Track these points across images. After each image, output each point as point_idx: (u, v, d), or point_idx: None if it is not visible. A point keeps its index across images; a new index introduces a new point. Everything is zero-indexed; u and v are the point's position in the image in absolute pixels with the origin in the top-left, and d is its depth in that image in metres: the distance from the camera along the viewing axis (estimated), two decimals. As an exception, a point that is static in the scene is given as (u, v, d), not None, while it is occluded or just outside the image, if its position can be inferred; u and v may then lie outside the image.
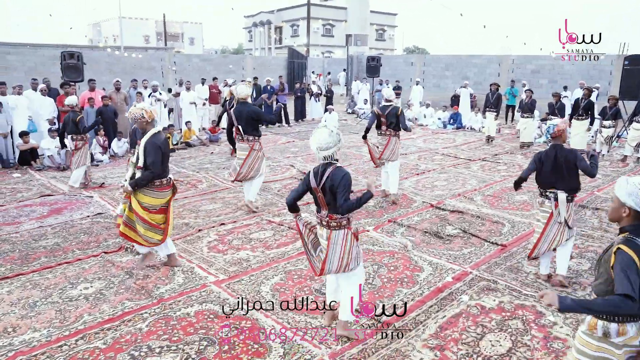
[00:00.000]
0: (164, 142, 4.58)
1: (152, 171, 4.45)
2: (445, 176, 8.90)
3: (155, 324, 3.82)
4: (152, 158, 4.43)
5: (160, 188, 4.61)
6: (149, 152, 4.43)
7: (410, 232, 6.00)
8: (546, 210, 4.58)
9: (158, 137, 4.52)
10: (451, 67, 20.85)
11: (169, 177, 4.73)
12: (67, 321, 3.86)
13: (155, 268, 4.85)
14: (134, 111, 4.53)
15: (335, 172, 3.52)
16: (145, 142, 4.46)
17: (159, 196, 4.63)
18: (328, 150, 3.50)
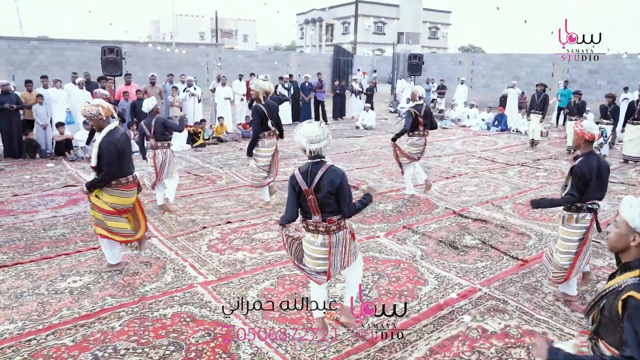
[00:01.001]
0: (121, 138, 4.36)
1: (107, 173, 4.28)
2: (477, 181, 8.38)
3: (130, 323, 3.69)
4: (107, 158, 4.24)
5: (126, 187, 4.47)
6: (104, 151, 4.23)
7: (424, 240, 5.62)
8: (584, 226, 4.10)
9: (114, 135, 4.30)
10: (501, 67, 19.89)
11: (134, 175, 4.58)
12: (45, 315, 3.81)
13: (148, 264, 4.76)
14: (89, 108, 4.29)
15: (330, 172, 3.27)
16: (100, 141, 4.26)
17: (126, 195, 4.50)
18: (319, 143, 3.25)
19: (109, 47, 11.39)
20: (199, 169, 8.90)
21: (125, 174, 4.44)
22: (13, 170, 8.83)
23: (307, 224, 3.39)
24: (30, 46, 17.74)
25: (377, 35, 45.96)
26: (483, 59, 21.10)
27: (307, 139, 3.24)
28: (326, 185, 3.24)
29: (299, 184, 3.28)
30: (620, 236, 2.01)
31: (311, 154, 3.29)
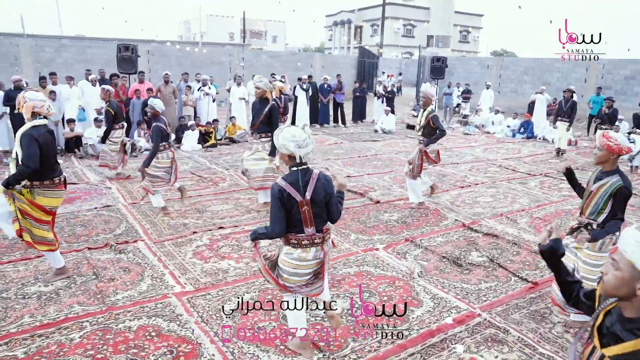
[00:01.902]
0: (43, 136, 4.08)
1: (28, 166, 3.98)
2: (493, 191, 7.89)
3: (90, 335, 3.45)
4: (27, 151, 3.97)
5: (58, 187, 4.24)
6: (23, 145, 3.98)
7: (426, 255, 5.22)
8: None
9: (37, 130, 4.05)
10: (531, 71, 19.12)
11: (64, 175, 4.35)
12: (5, 321, 3.60)
13: (127, 270, 4.52)
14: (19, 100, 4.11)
15: (322, 179, 3.07)
16: (20, 134, 4.03)
17: (58, 195, 4.28)
18: (307, 147, 3.00)
19: (125, 44, 11.33)
20: (204, 170, 8.68)
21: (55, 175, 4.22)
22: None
23: (297, 240, 3.06)
24: (56, 44, 18.00)
25: (406, 38, 45.31)
26: (512, 63, 20.33)
27: (295, 143, 2.95)
28: (321, 193, 3.02)
29: (291, 196, 2.97)
30: (622, 282, 1.58)
31: (300, 160, 3.00)
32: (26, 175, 4.03)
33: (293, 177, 3.02)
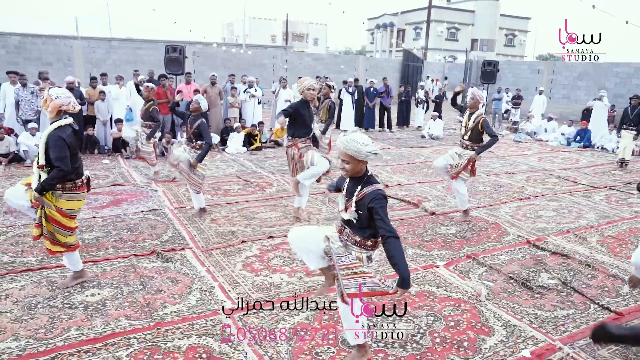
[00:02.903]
0: (70, 136, 3.90)
1: (61, 169, 3.79)
2: (556, 205, 7.34)
3: (139, 354, 3.21)
4: (57, 153, 3.77)
5: (80, 189, 4.03)
6: (52, 145, 3.77)
7: (492, 274, 4.79)
8: None
9: (64, 130, 3.86)
10: (586, 77, 18.18)
11: (87, 175, 4.13)
12: (52, 333, 3.42)
13: (175, 281, 4.30)
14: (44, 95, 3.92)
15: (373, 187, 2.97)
16: (46, 135, 3.82)
17: (80, 198, 4.06)
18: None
19: (172, 45, 11.32)
20: (250, 174, 8.48)
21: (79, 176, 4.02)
22: (69, 165, 8.84)
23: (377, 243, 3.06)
24: (107, 45, 18.36)
25: (449, 41, 44.33)
26: (565, 67, 19.40)
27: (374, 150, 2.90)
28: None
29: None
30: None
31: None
32: (60, 178, 3.86)
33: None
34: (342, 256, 3.02)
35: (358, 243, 3.00)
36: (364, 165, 2.94)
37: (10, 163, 8.71)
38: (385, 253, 2.83)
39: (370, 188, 2.90)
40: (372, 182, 2.94)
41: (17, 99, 9.14)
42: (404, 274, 2.76)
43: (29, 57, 16.83)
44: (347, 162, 2.91)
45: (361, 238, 2.99)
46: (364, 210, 2.89)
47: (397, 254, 2.76)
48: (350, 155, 2.86)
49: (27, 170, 8.39)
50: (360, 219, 2.93)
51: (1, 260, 4.62)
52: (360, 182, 2.95)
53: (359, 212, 2.91)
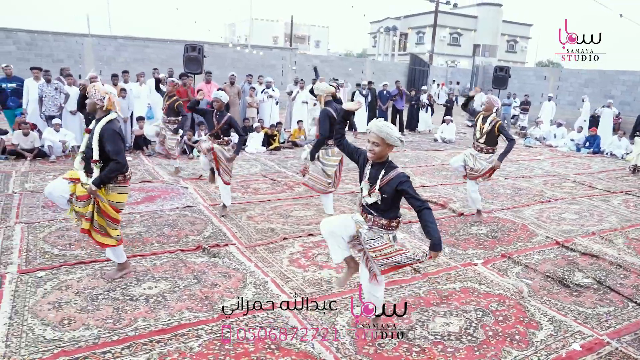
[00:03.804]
0: (120, 130, 4.04)
1: (119, 161, 3.88)
2: (577, 208, 7.49)
3: (209, 345, 3.31)
4: (115, 146, 3.87)
5: (127, 182, 4.13)
6: (109, 139, 3.85)
7: (528, 273, 4.93)
8: None
9: (115, 124, 3.96)
10: (591, 84, 18.41)
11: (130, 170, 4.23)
12: (120, 324, 3.51)
13: (227, 276, 4.40)
14: (98, 89, 3.92)
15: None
16: (101, 129, 3.87)
17: (126, 191, 4.17)
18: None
19: (192, 45, 11.41)
20: (274, 174, 8.59)
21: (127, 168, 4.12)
22: (93, 161, 8.92)
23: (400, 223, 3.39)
24: (116, 43, 18.40)
25: (451, 46, 44.62)
26: (571, 74, 19.64)
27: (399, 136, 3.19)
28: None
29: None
30: None
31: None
32: (118, 171, 3.95)
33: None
34: (371, 240, 3.24)
35: (384, 226, 3.25)
36: (389, 150, 3.16)
37: (35, 158, 8.76)
38: (420, 222, 3.14)
39: (394, 172, 3.15)
40: (394, 166, 3.20)
41: (41, 94, 9.18)
42: (436, 237, 3.05)
43: (40, 53, 16.85)
44: (378, 144, 3.12)
45: (387, 220, 3.24)
46: (389, 193, 3.14)
47: (430, 222, 3.07)
48: (382, 137, 3.09)
49: (52, 165, 8.46)
50: (385, 202, 3.17)
51: (52, 253, 4.70)
52: (383, 167, 3.18)
53: (384, 195, 3.15)
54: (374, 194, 3.19)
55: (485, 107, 6.42)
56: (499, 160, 6.26)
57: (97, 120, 3.97)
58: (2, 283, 4.04)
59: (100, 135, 3.88)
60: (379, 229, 3.26)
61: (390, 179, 3.14)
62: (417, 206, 3.10)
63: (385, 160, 3.21)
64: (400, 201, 3.25)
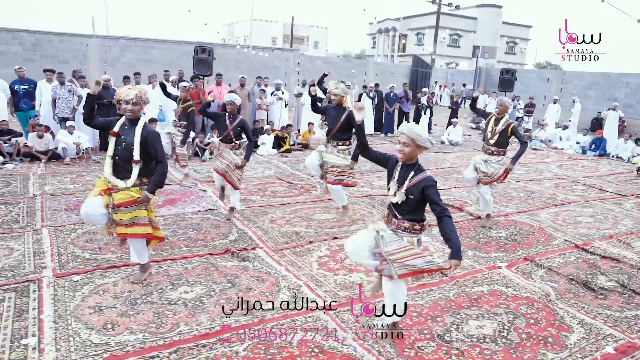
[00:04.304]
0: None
1: (164, 163, 3.98)
2: (591, 211, 7.58)
3: (254, 348, 3.36)
4: (161, 148, 3.99)
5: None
6: (155, 140, 3.95)
7: (552, 276, 5.00)
8: None
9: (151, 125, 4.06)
10: (595, 86, 18.55)
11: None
12: (163, 328, 3.55)
13: (260, 280, 4.45)
14: (140, 92, 3.96)
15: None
16: (143, 130, 3.95)
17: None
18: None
19: (202, 47, 11.44)
20: (289, 176, 8.64)
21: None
22: (107, 164, 8.94)
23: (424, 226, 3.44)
24: (121, 44, 18.40)
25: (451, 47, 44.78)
26: (574, 77, 19.77)
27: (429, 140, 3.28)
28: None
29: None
30: None
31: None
32: (166, 172, 4.03)
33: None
34: (391, 242, 3.30)
35: (408, 229, 3.31)
36: (419, 151, 3.24)
37: (49, 160, 8.78)
38: (440, 230, 3.16)
39: (421, 175, 3.22)
40: (422, 169, 3.26)
41: (55, 96, 9.20)
42: (456, 246, 3.04)
43: (45, 54, 16.83)
44: (408, 145, 3.21)
45: (410, 223, 3.30)
46: (416, 195, 3.20)
47: (450, 230, 3.08)
48: (412, 138, 3.18)
49: (67, 168, 8.47)
50: (410, 204, 3.24)
51: (83, 256, 4.74)
52: (412, 169, 3.25)
53: (410, 196, 3.22)
54: (399, 194, 3.26)
55: (499, 109, 6.42)
56: (512, 163, 6.30)
57: (131, 123, 3.99)
58: (41, 287, 4.08)
59: (144, 137, 3.93)
60: (402, 232, 3.33)
61: (418, 181, 3.21)
62: (438, 212, 3.15)
63: (415, 162, 3.29)
64: (425, 205, 3.30)
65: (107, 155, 4.04)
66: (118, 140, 3.99)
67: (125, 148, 3.96)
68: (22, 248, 4.89)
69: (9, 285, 4.07)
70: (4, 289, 4.02)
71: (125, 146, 3.95)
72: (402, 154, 3.25)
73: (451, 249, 3.07)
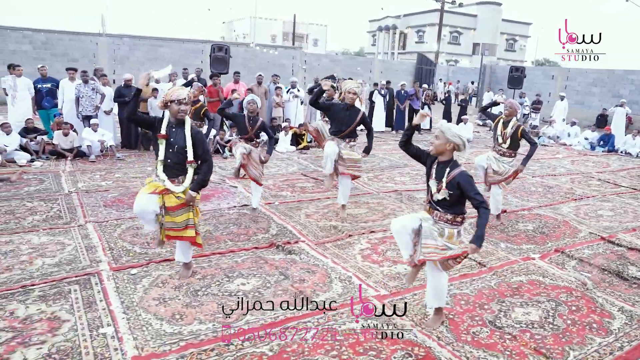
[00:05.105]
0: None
1: (210, 161, 4.08)
2: (610, 205, 7.79)
3: (322, 336, 3.52)
4: (207, 147, 4.11)
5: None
6: (203, 140, 4.06)
7: (584, 266, 5.19)
8: None
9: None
10: (600, 83, 18.80)
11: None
12: (230, 318, 3.70)
13: (310, 272, 4.61)
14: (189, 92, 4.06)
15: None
16: (194, 131, 4.03)
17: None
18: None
19: (219, 45, 11.58)
20: (313, 172, 8.79)
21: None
22: (132, 161, 9.08)
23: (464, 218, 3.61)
24: (130, 42, 18.48)
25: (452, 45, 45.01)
26: (578, 74, 20.01)
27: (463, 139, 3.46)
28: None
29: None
30: None
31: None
32: (211, 171, 4.13)
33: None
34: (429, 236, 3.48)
35: (449, 221, 3.49)
36: (448, 146, 3.41)
37: (75, 158, 8.90)
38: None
39: (457, 170, 3.41)
40: (458, 165, 3.46)
41: (78, 94, 9.31)
42: (479, 233, 3.30)
43: (55, 53, 16.90)
44: (437, 137, 3.43)
45: (452, 215, 3.48)
46: (453, 190, 3.40)
47: (483, 220, 3.33)
48: (442, 131, 3.40)
49: (94, 165, 8.60)
50: (450, 198, 3.45)
51: (134, 250, 4.88)
52: (447, 165, 3.45)
53: (450, 192, 3.42)
54: (442, 191, 3.45)
55: (507, 112, 6.47)
56: (522, 164, 6.38)
57: (177, 124, 4.01)
58: (101, 280, 4.22)
59: (193, 137, 4.01)
60: (444, 224, 3.51)
61: (454, 176, 3.40)
62: (475, 205, 3.36)
63: (451, 159, 3.48)
64: (465, 199, 3.47)
65: (159, 160, 4.02)
66: (168, 142, 3.98)
67: (178, 150, 3.98)
68: (72, 243, 5.04)
69: (71, 278, 4.22)
70: (67, 281, 4.17)
71: (178, 148, 3.97)
72: (432, 145, 3.49)
73: (475, 234, 3.34)
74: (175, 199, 4.05)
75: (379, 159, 10.43)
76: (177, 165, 4.02)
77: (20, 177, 7.38)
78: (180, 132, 4.00)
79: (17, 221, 5.60)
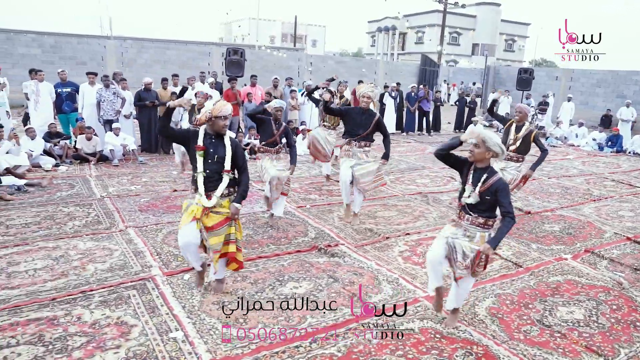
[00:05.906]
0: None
1: (247, 171, 4.12)
2: (629, 206, 7.96)
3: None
4: (245, 157, 4.17)
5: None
6: (242, 152, 4.11)
7: (615, 266, 5.35)
8: None
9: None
10: (604, 84, 19.03)
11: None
12: (293, 321, 3.83)
13: (358, 274, 4.74)
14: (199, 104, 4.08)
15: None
16: (234, 143, 4.07)
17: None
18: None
19: (234, 48, 11.68)
20: (334, 176, 8.90)
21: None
22: (155, 164, 9.18)
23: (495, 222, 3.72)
24: (137, 45, 18.55)
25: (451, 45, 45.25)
26: (582, 74, 20.24)
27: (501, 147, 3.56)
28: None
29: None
30: None
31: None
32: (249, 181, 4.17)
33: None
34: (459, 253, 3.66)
35: (482, 224, 3.64)
36: (487, 154, 3.53)
37: (98, 162, 8.98)
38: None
39: (494, 178, 3.54)
40: (495, 172, 3.61)
41: (99, 99, 9.38)
42: (497, 237, 3.49)
43: (64, 56, 16.95)
44: (478, 146, 3.51)
45: (484, 219, 3.64)
46: (490, 195, 3.55)
47: (505, 228, 3.50)
48: (483, 139, 3.47)
49: (118, 169, 8.68)
50: (485, 203, 3.59)
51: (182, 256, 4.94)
52: (485, 172, 3.58)
53: (486, 197, 3.56)
54: (474, 194, 3.60)
55: (519, 116, 6.60)
56: (531, 169, 6.51)
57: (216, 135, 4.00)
58: (157, 285, 4.33)
59: (233, 149, 4.03)
60: (475, 228, 3.66)
61: (491, 184, 3.54)
62: (502, 212, 3.54)
63: (487, 166, 3.61)
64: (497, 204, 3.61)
65: (199, 172, 3.95)
66: (207, 153, 3.96)
67: (217, 161, 3.96)
68: (118, 248, 5.14)
69: (127, 284, 4.32)
70: (124, 287, 4.27)
71: (218, 159, 3.98)
72: (471, 154, 3.59)
73: (493, 236, 3.52)
74: (215, 216, 3.99)
75: (396, 161, 10.56)
76: (215, 174, 3.99)
77: (50, 182, 7.47)
78: (219, 144, 4.02)
79: (58, 227, 5.70)
